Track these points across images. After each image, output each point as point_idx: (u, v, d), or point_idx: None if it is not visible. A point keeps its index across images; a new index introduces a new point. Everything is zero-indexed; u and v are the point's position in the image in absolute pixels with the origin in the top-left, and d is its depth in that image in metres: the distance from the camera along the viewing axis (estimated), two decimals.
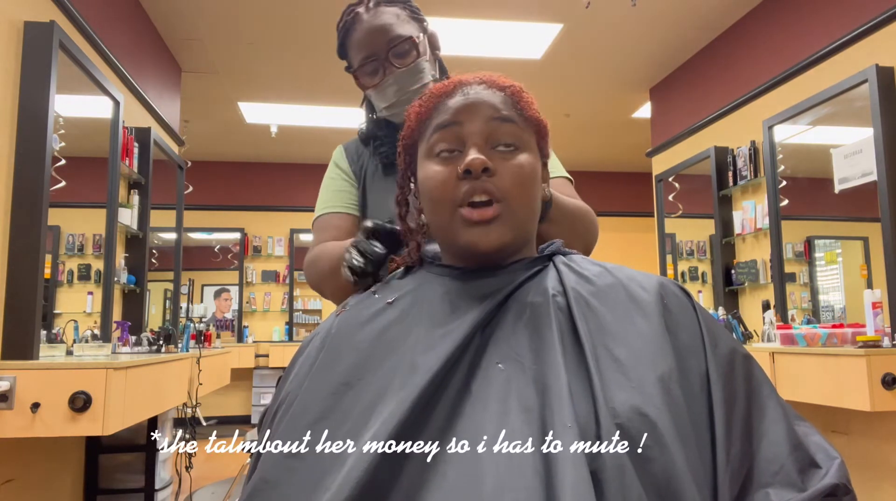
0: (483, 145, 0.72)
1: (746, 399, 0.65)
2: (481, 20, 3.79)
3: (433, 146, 0.74)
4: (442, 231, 0.74)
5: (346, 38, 1.16)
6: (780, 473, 0.61)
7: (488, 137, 0.72)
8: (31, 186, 2.20)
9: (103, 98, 2.87)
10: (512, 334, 0.66)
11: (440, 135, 0.74)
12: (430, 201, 0.74)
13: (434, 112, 0.75)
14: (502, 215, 0.70)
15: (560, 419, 0.56)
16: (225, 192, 6.69)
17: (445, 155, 0.73)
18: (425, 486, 0.56)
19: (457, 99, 0.74)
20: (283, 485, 0.61)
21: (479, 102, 0.73)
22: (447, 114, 0.74)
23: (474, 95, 0.74)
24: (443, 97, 0.76)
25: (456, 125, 0.73)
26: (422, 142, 0.77)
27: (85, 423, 1.89)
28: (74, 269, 3.11)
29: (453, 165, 0.72)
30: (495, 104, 0.73)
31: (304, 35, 3.96)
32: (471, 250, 0.71)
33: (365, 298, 0.78)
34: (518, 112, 0.75)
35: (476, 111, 0.73)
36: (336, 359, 0.69)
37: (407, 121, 0.80)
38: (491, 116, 0.73)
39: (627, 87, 4.84)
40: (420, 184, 0.77)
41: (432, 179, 0.73)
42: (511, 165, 0.72)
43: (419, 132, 0.78)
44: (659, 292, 0.69)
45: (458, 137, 0.73)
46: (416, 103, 0.78)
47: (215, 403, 5.94)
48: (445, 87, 0.76)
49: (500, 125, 0.73)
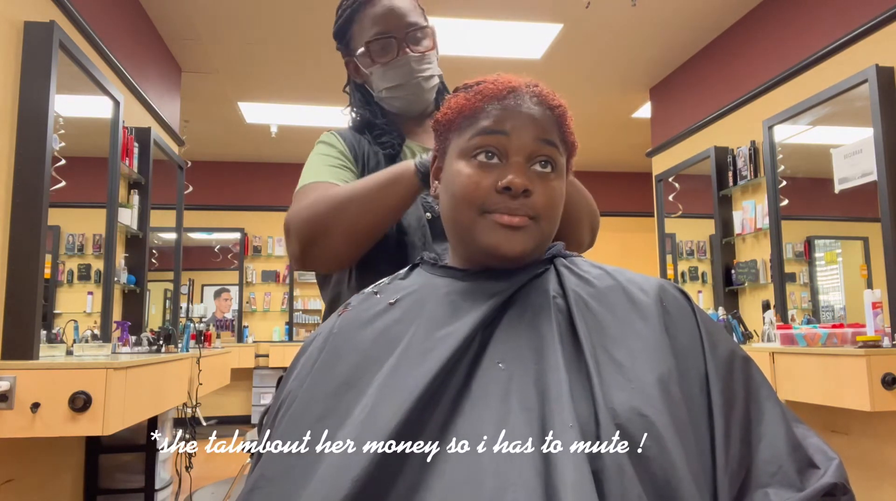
0: (524, 163, 0.71)
1: (745, 401, 0.65)
2: (481, 20, 3.80)
3: (472, 147, 0.72)
4: (462, 229, 0.73)
5: (357, 11, 1.13)
6: (778, 473, 0.61)
7: (531, 154, 0.72)
8: (31, 186, 2.20)
9: (103, 98, 2.87)
10: (513, 334, 0.66)
11: (482, 139, 0.72)
12: (456, 200, 0.73)
13: (480, 112, 0.73)
14: (529, 228, 0.71)
15: (560, 419, 0.57)
16: (225, 192, 6.69)
17: (483, 159, 0.72)
18: (425, 486, 0.56)
19: (507, 107, 0.72)
20: (282, 482, 0.61)
21: (530, 120, 0.72)
22: (495, 121, 0.72)
23: (526, 110, 0.72)
24: (492, 100, 0.73)
25: (502, 135, 0.71)
26: (457, 137, 0.75)
27: (85, 423, 1.89)
28: (74, 269, 3.11)
29: (490, 173, 0.71)
30: (544, 125, 0.72)
31: (304, 35, 3.97)
32: (492, 253, 0.71)
33: (367, 298, 0.78)
34: (560, 135, 0.74)
35: (525, 127, 0.71)
36: (337, 359, 0.69)
37: (446, 107, 0.77)
38: (538, 136, 0.72)
39: (627, 87, 4.84)
40: (448, 180, 0.75)
41: (466, 180, 0.72)
42: (546, 187, 0.72)
43: (457, 125, 0.75)
44: (658, 295, 0.69)
45: (502, 147, 0.71)
46: (462, 96, 0.75)
47: (215, 403, 5.94)
48: (497, 89, 0.73)
49: (543, 147, 0.72)
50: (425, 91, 1.16)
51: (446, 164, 0.77)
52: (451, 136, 0.76)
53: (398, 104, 1.17)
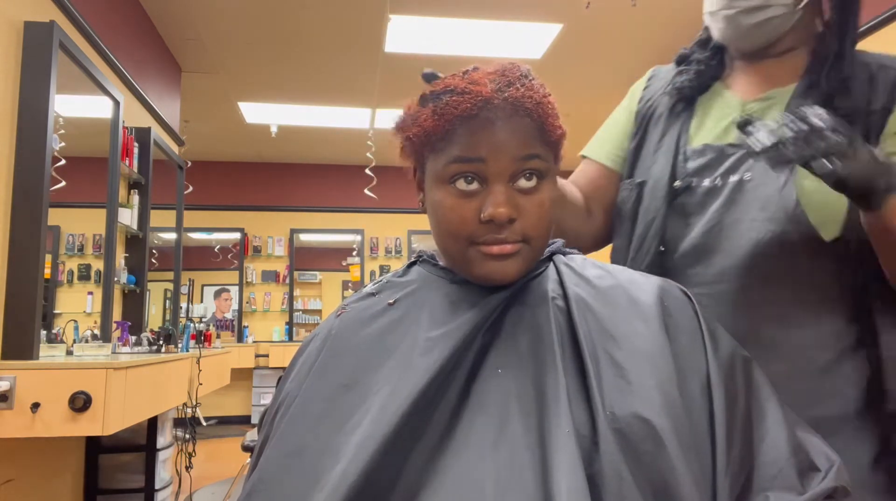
0: (506, 184, 0.66)
1: (746, 402, 0.64)
2: (481, 20, 3.79)
3: (449, 175, 0.66)
4: (454, 261, 0.71)
5: None
6: (779, 476, 0.60)
7: (513, 174, 0.66)
8: (31, 186, 2.20)
9: (103, 98, 2.87)
10: (511, 337, 0.66)
11: (458, 167, 0.65)
12: (443, 233, 0.69)
13: (452, 135, 0.65)
14: (522, 251, 0.67)
15: (558, 425, 0.56)
16: (225, 192, 6.69)
17: (463, 186, 0.66)
18: (423, 490, 0.56)
19: (479, 129, 0.64)
20: (280, 484, 0.61)
21: (506, 139, 0.64)
22: (467, 148, 0.65)
23: (500, 128, 0.64)
24: (462, 120, 0.65)
25: (478, 162, 0.65)
26: (432, 159, 0.68)
27: (85, 423, 1.89)
28: (74, 269, 3.11)
29: (472, 201, 0.66)
30: (523, 138, 0.65)
31: (304, 35, 3.96)
32: (486, 282, 0.69)
33: (365, 298, 0.78)
34: (544, 141, 0.67)
35: (501, 149, 0.64)
36: (336, 360, 0.69)
37: (415, 125, 0.69)
38: (517, 154, 0.65)
39: (627, 87, 4.82)
40: (432, 208, 0.70)
41: (449, 212, 0.67)
42: (534, 202, 0.66)
43: (430, 147, 0.68)
44: (659, 295, 0.68)
45: (481, 173, 0.65)
46: (429, 114, 0.67)
47: (215, 403, 5.94)
48: (465, 105, 0.65)
49: (525, 163, 0.65)
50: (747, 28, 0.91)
51: (426, 187, 0.71)
52: (426, 153, 0.70)
53: (724, 38, 0.95)
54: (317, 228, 6.82)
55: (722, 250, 0.88)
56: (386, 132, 6.02)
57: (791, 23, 0.91)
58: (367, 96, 4.96)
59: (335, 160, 6.74)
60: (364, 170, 5.29)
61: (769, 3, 0.88)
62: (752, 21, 0.90)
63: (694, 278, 0.90)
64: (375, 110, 5.25)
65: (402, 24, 3.80)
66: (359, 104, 5.14)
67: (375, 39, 4.00)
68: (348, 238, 6.90)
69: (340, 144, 6.17)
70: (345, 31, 3.92)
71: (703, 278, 0.89)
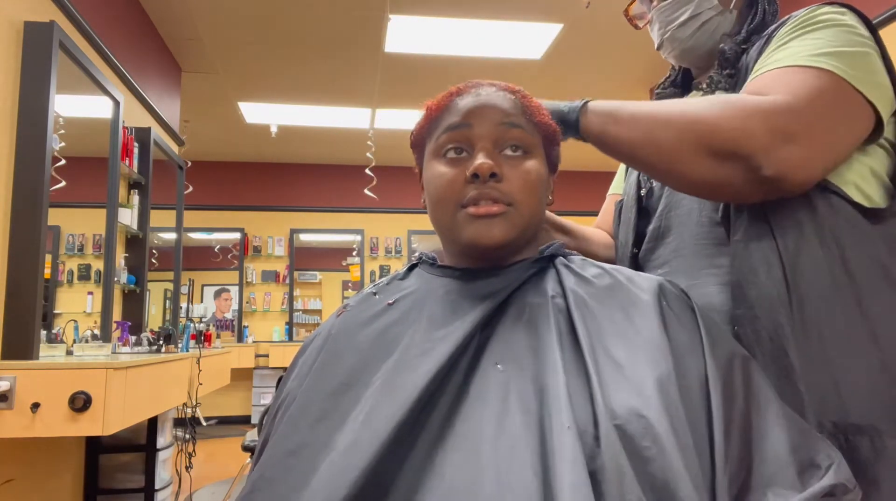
0: (491, 149, 0.72)
1: (745, 400, 0.64)
2: (481, 20, 3.79)
3: (441, 146, 0.74)
4: (445, 230, 0.74)
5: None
6: (779, 474, 0.60)
7: (497, 140, 0.72)
8: (31, 186, 2.20)
9: (103, 98, 2.87)
10: (511, 335, 0.66)
11: (449, 136, 0.74)
12: (434, 201, 0.74)
13: (445, 112, 0.75)
14: (507, 214, 0.71)
15: (559, 420, 0.56)
16: (225, 192, 6.69)
17: (453, 155, 0.73)
18: (423, 487, 0.56)
19: (467, 100, 0.74)
20: (280, 483, 0.61)
21: (490, 106, 0.73)
22: (457, 115, 0.74)
23: (485, 97, 0.74)
24: (454, 97, 0.76)
25: (465, 127, 0.73)
26: (430, 140, 0.77)
27: (85, 423, 1.89)
28: (74, 269, 3.11)
29: (460, 167, 0.72)
30: (505, 108, 0.73)
31: (304, 35, 3.97)
32: (473, 245, 0.71)
33: (365, 299, 0.79)
34: (527, 118, 0.75)
35: (486, 115, 0.73)
36: (336, 360, 0.69)
37: (416, 125, 0.80)
38: (500, 120, 0.72)
39: (627, 87, 4.84)
40: (426, 183, 0.76)
41: (439, 179, 0.73)
42: (519, 170, 0.72)
43: (428, 130, 0.78)
44: (658, 294, 0.69)
45: (467, 139, 0.73)
46: (434, 100, 0.78)
47: (215, 403, 5.94)
48: (459, 87, 0.77)
49: (509, 130, 0.73)
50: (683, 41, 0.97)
51: (424, 168, 0.78)
52: (426, 141, 0.79)
53: (677, 62, 1.05)
54: (317, 228, 6.83)
55: (674, 227, 0.94)
56: (386, 132, 6.06)
57: (729, 26, 0.95)
58: (366, 96, 4.96)
59: (335, 160, 6.74)
60: (364, 170, 5.29)
61: (697, 10, 0.95)
62: (689, 31, 0.96)
63: (656, 260, 0.95)
64: (375, 110, 5.26)
65: (402, 24, 3.81)
66: (359, 104, 5.14)
67: (375, 39, 4.00)
68: (348, 238, 6.91)
69: (340, 145, 6.17)
70: (345, 32, 3.92)
71: (665, 259, 0.94)
